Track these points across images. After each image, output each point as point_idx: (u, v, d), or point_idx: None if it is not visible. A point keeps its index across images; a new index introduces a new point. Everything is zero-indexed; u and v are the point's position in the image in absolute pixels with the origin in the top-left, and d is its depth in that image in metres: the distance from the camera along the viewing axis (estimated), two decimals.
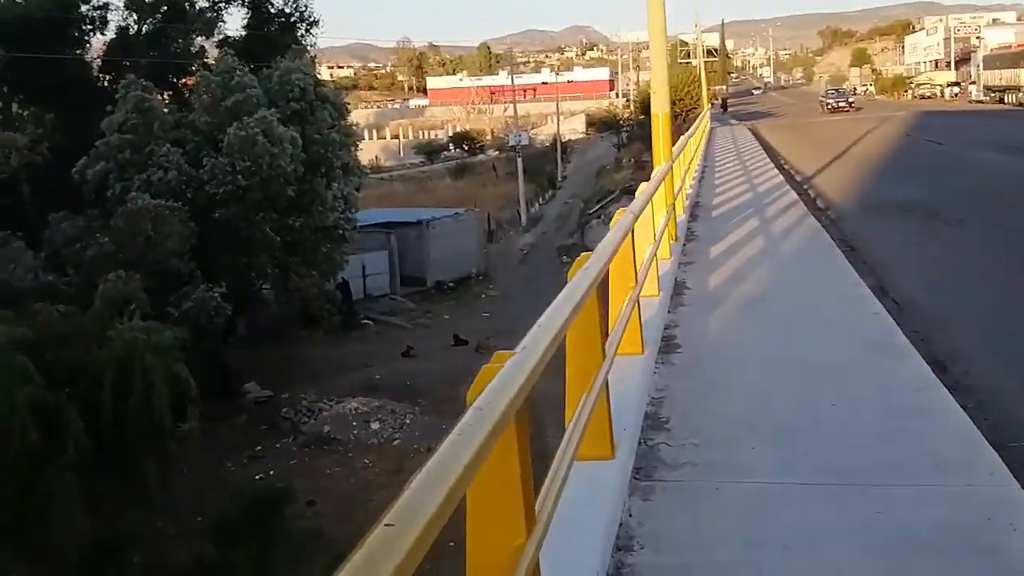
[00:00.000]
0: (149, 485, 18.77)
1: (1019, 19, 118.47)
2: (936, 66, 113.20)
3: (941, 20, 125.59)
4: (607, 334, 4.80)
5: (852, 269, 10.40)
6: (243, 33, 35.59)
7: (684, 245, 12.33)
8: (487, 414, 2.25)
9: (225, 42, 34.96)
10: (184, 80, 33.93)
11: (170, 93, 33.30)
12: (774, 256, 11.69)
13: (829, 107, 72.51)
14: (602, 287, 5.73)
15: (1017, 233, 14.03)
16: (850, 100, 76.34)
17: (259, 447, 24.39)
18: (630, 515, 4.29)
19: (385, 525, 1.67)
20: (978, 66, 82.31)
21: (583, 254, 4.44)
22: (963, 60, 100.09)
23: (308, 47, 35.85)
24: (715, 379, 6.53)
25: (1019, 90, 65.75)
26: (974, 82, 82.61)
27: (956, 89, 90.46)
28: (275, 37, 34.53)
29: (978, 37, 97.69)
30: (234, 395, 26.97)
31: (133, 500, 18.73)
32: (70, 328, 20.18)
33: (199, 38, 35.10)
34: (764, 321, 8.18)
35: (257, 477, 22.38)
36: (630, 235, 6.10)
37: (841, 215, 16.81)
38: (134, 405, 18.83)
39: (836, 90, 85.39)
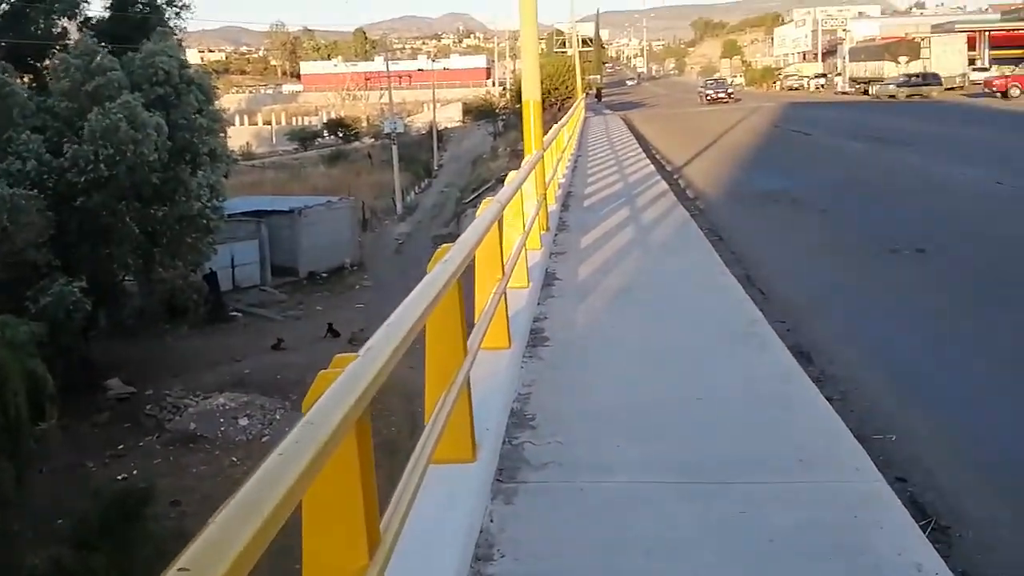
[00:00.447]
0: (4, 486, 17.95)
1: (883, 13, 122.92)
2: (804, 58, 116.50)
3: (809, 13, 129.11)
4: (471, 328, 4.62)
5: (719, 258, 10.44)
6: (107, 14, 34.19)
7: (555, 235, 12.23)
8: (319, 428, 2.03)
9: (87, 23, 33.49)
10: (45, 63, 32.37)
11: (30, 77, 31.75)
12: (644, 246, 11.69)
13: (708, 98, 69.38)
14: (469, 279, 5.57)
15: (876, 222, 14.42)
16: (730, 91, 73.54)
17: (122, 446, 23.53)
18: (491, 520, 4.11)
19: (178, 570, 1.41)
20: (844, 58, 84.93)
21: (443, 245, 4.23)
22: (830, 52, 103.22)
23: (176, 30, 34.70)
24: (582, 373, 6.40)
25: (882, 81, 67.92)
26: (840, 74, 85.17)
27: (822, 81, 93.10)
28: (142, 19, 33.28)
29: (844, 30, 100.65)
30: (96, 392, 25.99)
31: None
32: None
33: (61, 19, 33.50)
34: (632, 312, 8.11)
35: (120, 477, 21.59)
36: (496, 225, 5.93)
37: (709, 204, 17.03)
38: None
39: (715, 80, 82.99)
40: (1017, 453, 5.60)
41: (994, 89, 55.55)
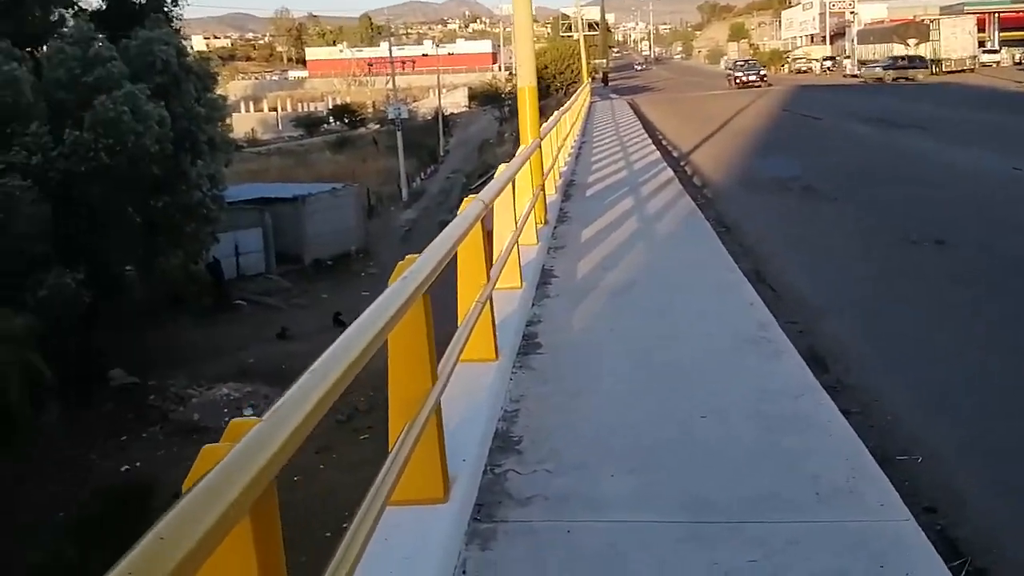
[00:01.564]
0: (2, 480, 17.72)
1: None
2: (812, 41, 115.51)
3: None
4: (441, 351, 4.10)
5: (727, 253, 9.81)
6: (104, 4, 33.64)
7: (555, 228, 11.67)
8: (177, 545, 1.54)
9: (84, 12, 32.92)
10: (41, 52, 31.78)
11: (29, 66, 31.20)
12: (647, 239, 11.08)
13: (739, 82, 62.72)
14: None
15: (892, 211, 13.80)
16: (763, 74, 65.55)
17: (124, 437, 23.20)
18: (463, 572, 3.61)
19: None
20: (852, 41, 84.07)
21: (408, 257, 3.69)
22: (838, 35, 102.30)
23: (174, 17, 34.18)
24: (576, 385, 5.81)
25: (868, 64, 67.27)
26: (849, 56, 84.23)
27: (831, 63, 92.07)
28: (138, 7, 32.73)
29: (852, 12, 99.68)
30: (99, 382, 25.64)
31: None
32: None
33: (58, 8, 32.89)
34: (633, 314, 7.51)
35: (123, 469, 21.28)
36: (480, 225, 5.40)
37: (717, 193, 16.42)
38: None
39: (747, 62, 74.22)
40: None
41: None
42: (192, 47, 35.05)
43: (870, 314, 8.31)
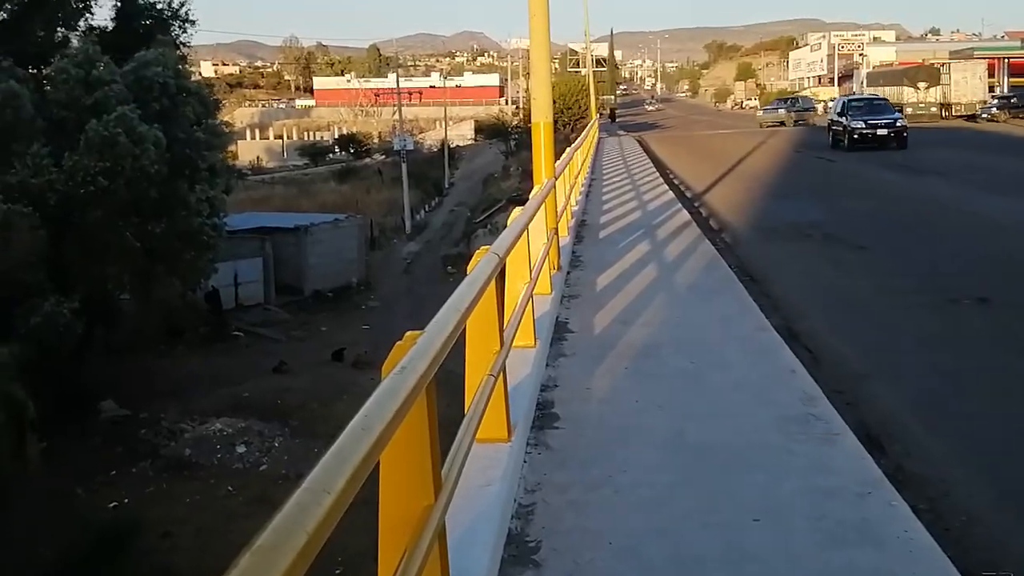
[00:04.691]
0: None
1: (898, 38, 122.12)
2: (819, 82, 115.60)
3: (824, 37, 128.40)
4: (439, 461, 3.30)
5: (756, 307, 8.98)
6: (110, 26, 33.20)
7: (568, 274, 10.87)
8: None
9: (90, 33, 32.44)
10: (44, 72, 31.27)
11: (30, 86, 30.67)
12: (669, 289, 10.25)
13: (857, 136, 36.01)
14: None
15: (924, 263, 13.01)
16: (901, 124, 37.24)
17: (114, 472, 22.42)
18: None
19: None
20: (862, 82, 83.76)
21: (408, 334, 2.90)
22: (846, 76, 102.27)
23: (181, 43, 33.74)
24: (601, 472, 4.97)
25: (903, 107, 66.95)
26: None
27: None
28: (146, 32, 32.27)
29: (861, 54, 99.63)
30: (89, 414, 24.89)
31: None
32: None
33: (62, 29, 32.45)
34: (659, 381, 6.66)
35: (111, 505, 20.54)
36: (493, 285, 4.61)
37: (737, 238, 15.62)
38: None
39: (868, 101, 42.66)
40: None
41: None
42: (200, 73, 34.66)
43: (921, 384, 7.47)
